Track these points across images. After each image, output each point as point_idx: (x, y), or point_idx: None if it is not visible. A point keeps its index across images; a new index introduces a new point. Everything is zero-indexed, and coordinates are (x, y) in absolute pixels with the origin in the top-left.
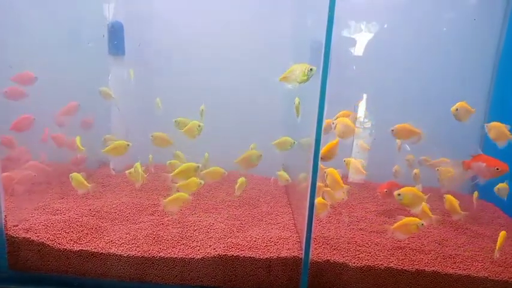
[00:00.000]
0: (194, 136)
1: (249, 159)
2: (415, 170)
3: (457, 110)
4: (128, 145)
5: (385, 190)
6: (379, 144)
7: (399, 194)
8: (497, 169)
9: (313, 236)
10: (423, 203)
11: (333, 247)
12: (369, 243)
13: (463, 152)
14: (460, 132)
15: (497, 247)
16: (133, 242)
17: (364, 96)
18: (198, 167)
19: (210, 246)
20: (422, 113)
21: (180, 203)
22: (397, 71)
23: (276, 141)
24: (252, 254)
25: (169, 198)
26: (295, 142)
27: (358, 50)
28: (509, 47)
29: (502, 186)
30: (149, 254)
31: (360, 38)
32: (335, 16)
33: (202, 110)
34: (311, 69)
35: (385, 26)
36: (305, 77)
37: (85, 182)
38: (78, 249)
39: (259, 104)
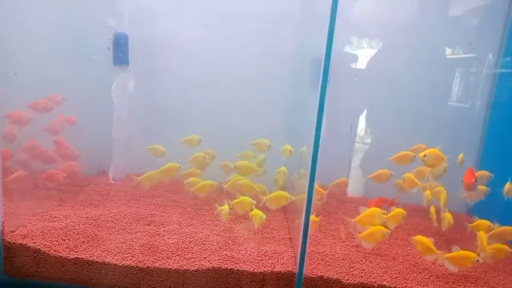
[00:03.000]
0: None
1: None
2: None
3: (425, 156)
4: None
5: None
6: (377, 160)
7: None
8: (462, 181)
9: (308, 251)
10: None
11: (327, 263)
12: (363, 260)
13: (459, 170)
14: (457, 148)
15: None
16: (128, 251)
17: (363, 111)
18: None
19: (205, 258)
20: (419, 129)
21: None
22: (397, 87)
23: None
24: (246, 267)
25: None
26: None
27: (359, 66)
28: (506, 71)
29: None
30: (144, 264)
31: (361, 54)
32: (338, 32)
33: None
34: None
35: (386, 43)
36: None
37: None
38: (73, 256)
39: (262, 115)
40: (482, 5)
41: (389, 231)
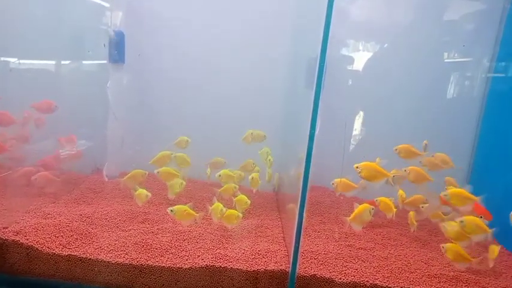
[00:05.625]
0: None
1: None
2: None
3: (357, 167)
4: None
5: None
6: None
7: None
8: (481, 217)
9: (301, 250)
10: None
11: (320, 262)
12: (356, 259)
13: (452, 169)
14: (451, 149)
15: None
16: (122, 249)
17: (357, 112)
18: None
19: (199, 256)
20: (413, 131)
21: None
22: (391, 90)
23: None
24: (239, 265)
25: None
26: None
27: (355, 68)
28: (499, 76)
29: None
30: (137, 261)
31: (357, 56)
32: (334, 35)
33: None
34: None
35: (382, 46)
36: None
37: None
38: (66, 253)
39: (257, 115)
40: (477, 10)
41: (374, 208)
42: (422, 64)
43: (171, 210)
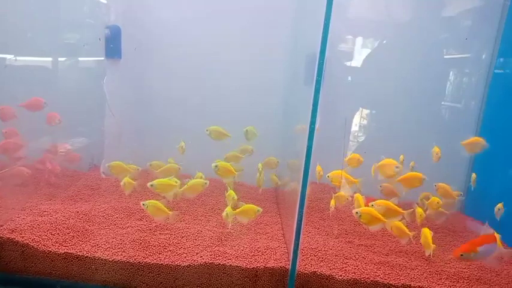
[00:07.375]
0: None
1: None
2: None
3: (328, 176)
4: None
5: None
6: (370, 157)
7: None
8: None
9: (301, 247)
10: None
11: (320, 259)
12: (356, 256)
13: (453, 166)
14: (451, 147)
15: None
16: (119, 246)
17: (357, 109)
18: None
19: (197, 253)
20: (412, 128)
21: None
22: (391, 86)
23: None
24: (238, 263)
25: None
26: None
27: (355, 64)
28: (499, 72)
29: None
30: (135, 259)
31: (355, 52)
32: (333, 31)
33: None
34: None
35: (384, 41)
36: None
37: None
38: (63, 251)
39: (256, 112)
40: (477, 6)
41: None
42: (422, 60)
43: (143, 204)
